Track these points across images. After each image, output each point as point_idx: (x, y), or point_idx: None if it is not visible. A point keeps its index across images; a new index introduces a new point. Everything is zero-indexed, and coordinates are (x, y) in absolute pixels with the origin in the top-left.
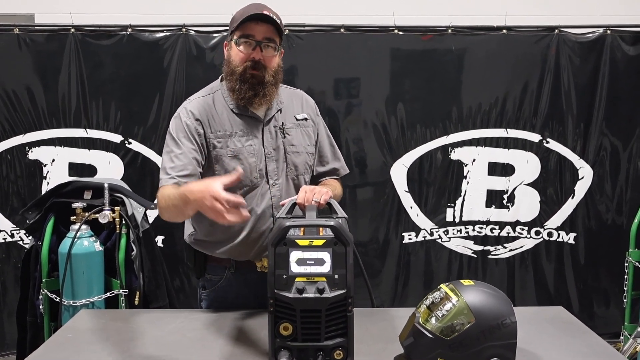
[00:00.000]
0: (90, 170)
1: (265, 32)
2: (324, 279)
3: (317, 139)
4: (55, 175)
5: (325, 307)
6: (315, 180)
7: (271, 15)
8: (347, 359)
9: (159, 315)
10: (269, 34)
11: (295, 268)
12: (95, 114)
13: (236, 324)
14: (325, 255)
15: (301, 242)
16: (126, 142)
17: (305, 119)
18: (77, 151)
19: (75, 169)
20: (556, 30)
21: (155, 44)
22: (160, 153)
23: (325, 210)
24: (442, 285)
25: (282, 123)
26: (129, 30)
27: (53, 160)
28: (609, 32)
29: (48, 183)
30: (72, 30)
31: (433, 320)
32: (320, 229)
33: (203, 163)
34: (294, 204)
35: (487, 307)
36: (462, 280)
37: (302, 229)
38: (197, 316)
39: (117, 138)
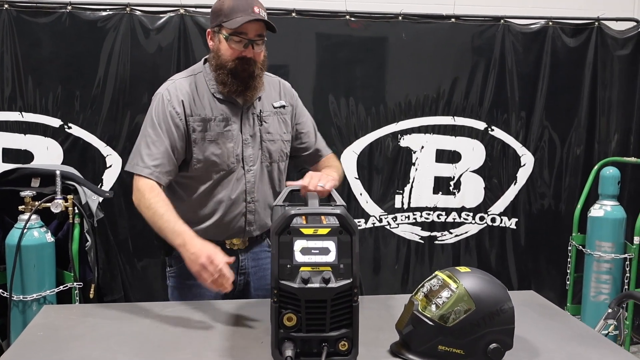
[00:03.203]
0: (27, 156)
1: (257, 30)
2: (329, 268)
3: (300, 122)
4: None
5: (331, 297)
6: (301, 161)
7: (262, 13)
8: (352, 350)
9: (131, 308)
10: (261, 31)
11: (299, 257)
12: (31, 97)
13: (219, 316)
14: (331, 244)
15: (305, 231)
16: (66, 126)
17: (283, 107)
18: (12, 136)
19: (9, 155)
20: (502, 21)
21: (97, 23)
22: (103, 139)
23: (323, 198)
24: (438, 272)
25: (260, 110)
26: (69, 8)
27: None
28: (550, 23)
29: None
30: (6, 6)
31: (433, 307)
32: (323, 217)
33: (182, 146)
34: (291, 192)
35: (486, 293)
36: (457, 267)
37: (304, 217)
38: (173, 309)
39: (55, 122)
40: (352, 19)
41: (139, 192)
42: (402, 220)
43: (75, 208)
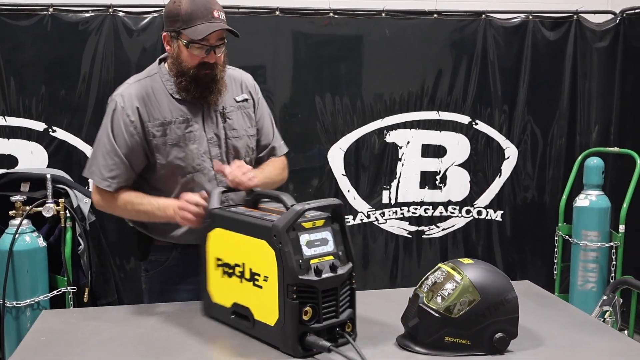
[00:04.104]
0: (11, 160)
1: (219, 35)
2: (332, 257)
3: (260, 116)
4: None
5: (340, 283)
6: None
7: (222, 16)
8: (354, 329)
9: (131, 311)
10: (222, 35)
11: (307, 251)
12: (15, 101)
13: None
14: (327, 234)
15: (306, 225)
16: (50, 130)
17: (246, 100)
18: None
19: None
20: (483, 15)
21: (79, 25)
22: (87, 141)
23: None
24: (442, 265)
25: (223, 107)
26: (51, 10)
27: None
28: (530, 17)
29: None
30: None
31: (439, 299)
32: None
33: (139, 153)
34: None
35: (490, 283)
36: (460, 259)
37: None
38: (174, 310)
39: (40, 126)
40: (336, 16)
41: (106, 202)
42: (389, 215)
43: (67, 211)
